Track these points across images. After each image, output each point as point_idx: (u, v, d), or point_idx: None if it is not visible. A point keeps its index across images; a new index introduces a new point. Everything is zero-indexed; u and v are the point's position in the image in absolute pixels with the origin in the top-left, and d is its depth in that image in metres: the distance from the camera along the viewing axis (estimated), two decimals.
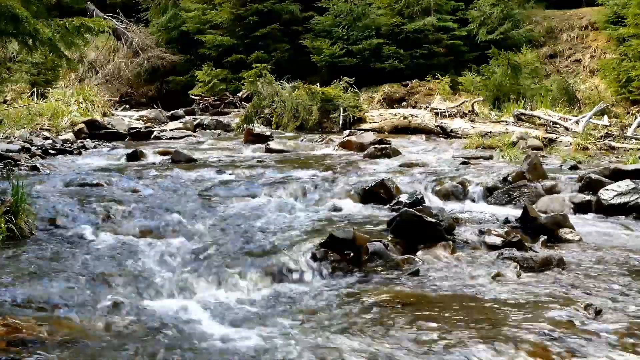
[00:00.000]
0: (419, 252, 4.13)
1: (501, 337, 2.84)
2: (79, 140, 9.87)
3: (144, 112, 14.38)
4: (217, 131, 12.48)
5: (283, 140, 9.99)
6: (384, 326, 3.03)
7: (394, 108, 13.40)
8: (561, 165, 7.39)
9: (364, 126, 11.70)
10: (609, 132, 9.45)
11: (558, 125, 10.16)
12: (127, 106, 16.82)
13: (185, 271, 3.76)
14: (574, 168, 7.11)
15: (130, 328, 3.00)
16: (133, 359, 2.69)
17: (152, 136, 11.16)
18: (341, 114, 11.82)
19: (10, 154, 7.49)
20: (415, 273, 3.79)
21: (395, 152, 8.49)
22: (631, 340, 2.83)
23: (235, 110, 15.15)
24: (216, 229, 4.71)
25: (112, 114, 13.41)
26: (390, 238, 4.27)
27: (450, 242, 4.24)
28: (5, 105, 10.75)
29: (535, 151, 8.05)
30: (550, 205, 5.47)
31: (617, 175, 5.88)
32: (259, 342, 2.84)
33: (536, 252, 4.16)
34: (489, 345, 2.75)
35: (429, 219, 4.33)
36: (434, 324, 3.04)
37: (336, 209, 5.51)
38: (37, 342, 2.77)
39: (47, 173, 6.82)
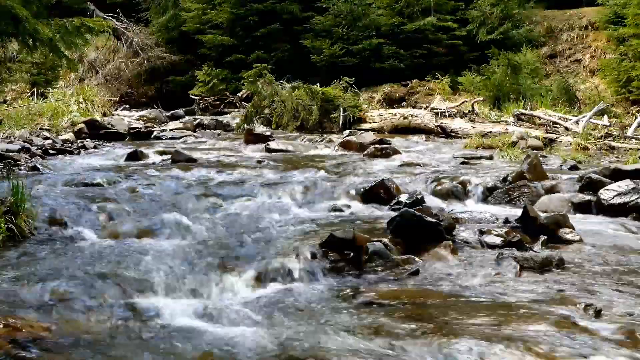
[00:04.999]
0: (419, 252, 4.12)
1: (501, 337, 2.84)
2: (79, 140, 9.86)
3: (144, 112, 14.38)
4: (217, 131, 12.49)
5: (283, 140, 10.00)
6: (384, 326, 3.03)
7: (394, 108, 13.40)
8: (561, 165, 7.39)
9: (364, 126, 11.71)
10: (609, 132, 9.45)
11: (558, 125, 10.16)
12: (127, 106, 16.80)
13: (184, 271, 3.75)
14: (574, 168, 7.11)
15: (129, 327, 3.00)
16: (131, 358, 2.70)
17: (152, 136, 11.17)
18: (341, 114, 11.81)
19: (10, 154, 7.49)
20: (415, 273, 3.79)
21: (395, 152, 8.50)
22: (631, 341, 2.82)
23: (235, 110, 15.16)
24: (216, 229, 4.71)
25: (112, 114, 13.41)
26: (390, 238, 4.26)
27: (450, 242, 4.23)
28: (5, 105, 10.73)
29: (535, 151, 8.04)
30: (550, 205, 5.46)
31: (617, 175, 5.87)
32: (258, 342, 2.84)
33: (536, 252, 4.15)
34: (489, 345, 2.75)
35: (429, 219, 4.33)
36: (434, 324, 3.04)
37: (336, 209, 5.51)
38: (38, 341, 2.77)
39: (47, 173, 6.81)
